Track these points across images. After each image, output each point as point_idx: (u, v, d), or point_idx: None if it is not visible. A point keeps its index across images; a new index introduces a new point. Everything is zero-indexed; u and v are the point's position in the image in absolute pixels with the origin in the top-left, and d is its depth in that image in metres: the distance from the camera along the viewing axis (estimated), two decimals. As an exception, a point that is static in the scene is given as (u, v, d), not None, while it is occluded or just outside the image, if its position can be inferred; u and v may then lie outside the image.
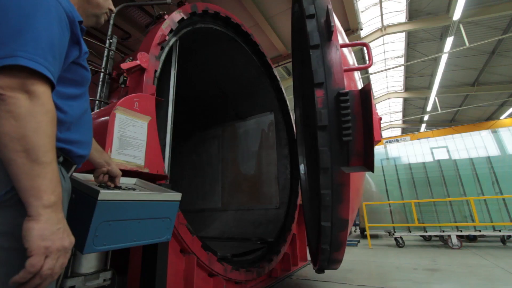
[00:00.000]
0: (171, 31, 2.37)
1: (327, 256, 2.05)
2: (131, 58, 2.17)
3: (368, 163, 1.66)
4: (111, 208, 0.95)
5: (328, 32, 1.88)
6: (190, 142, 5.28)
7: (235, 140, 4.61)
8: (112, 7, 1.05)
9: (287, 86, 10.32)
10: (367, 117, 1.68)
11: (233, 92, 4.40)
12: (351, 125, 1.74)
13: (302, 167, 3.63)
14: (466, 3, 7.11)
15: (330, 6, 1.88)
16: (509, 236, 5.78)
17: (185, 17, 2.53)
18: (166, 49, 2.32)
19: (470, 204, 5.71)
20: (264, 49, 3.86)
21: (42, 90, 0.65)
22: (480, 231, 5.56)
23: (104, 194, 0.92)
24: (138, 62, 1.99)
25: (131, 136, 1.67)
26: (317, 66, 1.83)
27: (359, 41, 2.07)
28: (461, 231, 5.65)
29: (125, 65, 1.96)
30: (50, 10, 0.70)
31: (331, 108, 1.78)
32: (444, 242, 6.07)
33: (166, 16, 2.42)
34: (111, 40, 2.48)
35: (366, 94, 1.70)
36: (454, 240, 5.46)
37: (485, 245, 5.79)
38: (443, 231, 5.78)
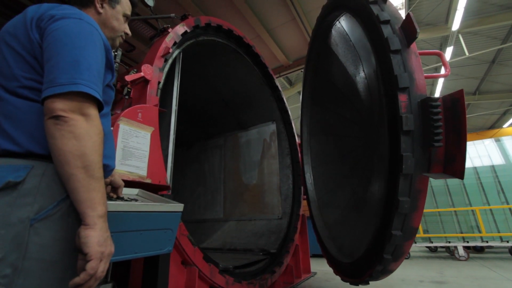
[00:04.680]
0: (175, 43, 2.42)
1: (384, 267, 1.99)
2: (135, 70, 2.21)
3: (458, 171, 1.65)
4: (113, 220, 0.94)
5: (409, 38, 1.90)
6: (192, 151, 5.29)
7: (237, 149, 4.62)
8: (128, 31, 1.11)
9: (288, 96, 10.41)
10: (459, 124, 1.68)
11: (235, 102, 4.43)
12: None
13: (308, 176, 3.59)
14: (465, 13, 7.21)
15: (411, 13, 1.92)
16: (517, 247, 5.65)
17: (188, 30, 2.59)
18: (170, 61, 2.36)
19: (476, 214, 5.62)
20: (265, 60, 3.91)
21: (94, 113, 0.75)
22: (487, 242, 5.43)
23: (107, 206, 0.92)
24: (142, 74, 2.03)
25: (134, 146, 1.68)
26: (400, 71, 1.85)
27: (433, 50, 2.13)
28: (467, 242, 5.53)
29: (129, 77, 2.00)
30: (95, 42, 0.80)
31: (415, 113, 1.80)
32: (450, 253, 5.93)
33: (170, 29, 2.47)
34: (116, 53, 2.53)
35: (456, 101, 1.70)
36: (461, 251, 5.34)
37: (493, 257, 5.65)
38: (449, 242, 5.66)
